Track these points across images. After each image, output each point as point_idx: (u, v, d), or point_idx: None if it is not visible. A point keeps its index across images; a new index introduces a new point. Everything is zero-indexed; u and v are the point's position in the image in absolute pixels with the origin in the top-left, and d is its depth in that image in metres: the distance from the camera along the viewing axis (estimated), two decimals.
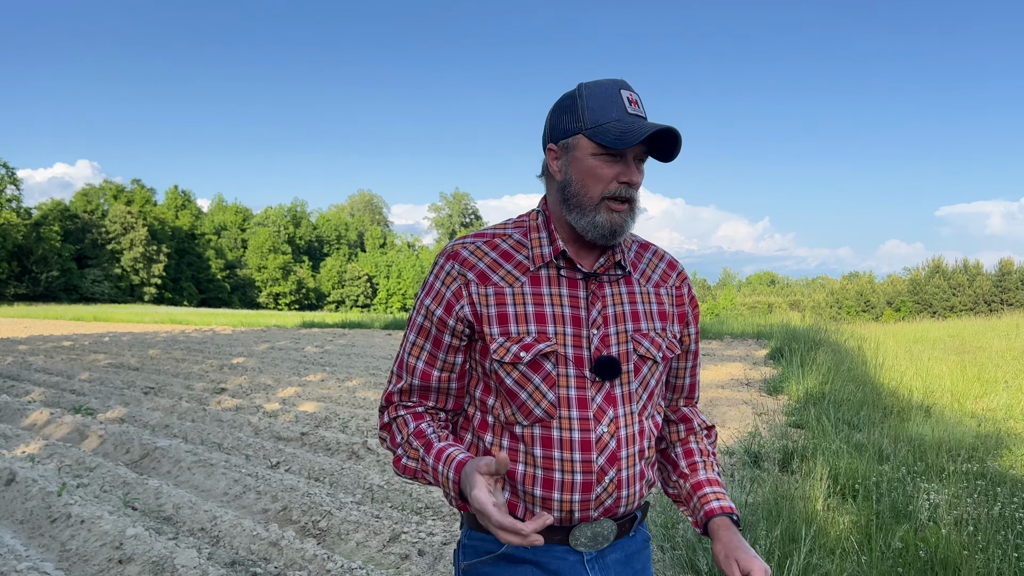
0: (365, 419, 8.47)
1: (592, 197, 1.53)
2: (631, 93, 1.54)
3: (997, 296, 59.64)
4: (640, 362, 1.60)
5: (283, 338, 22.03)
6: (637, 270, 1.66)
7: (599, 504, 1.56)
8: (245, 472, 6.12)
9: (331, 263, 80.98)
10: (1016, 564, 3.88)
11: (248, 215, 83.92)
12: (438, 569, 4.38)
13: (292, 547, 4.49)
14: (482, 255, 1.60)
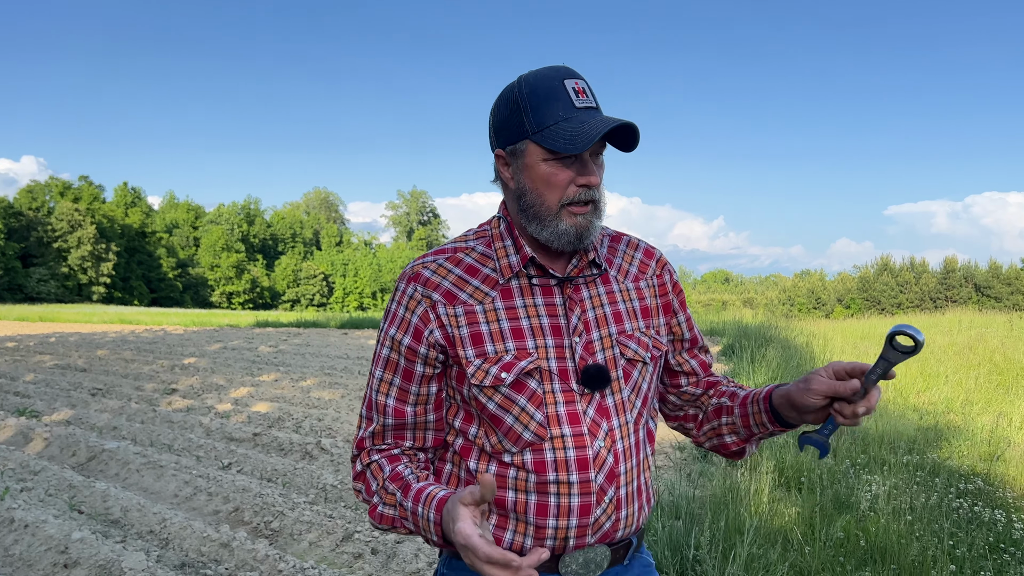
0: (319, 419, 8.42)
1: (550, 206, 1.40)
2: (577, 81, 1.39)
3: (942, 293, 61.27)
4: (629, 366, 1.48)
5: (236, 338, 21.72)
6: (613, 266, 1.55)
7: (597, 528, 1.44)
8: (196, 473, 6.05)
9: (286, 262, 79.99)
10: (951, 550, 4.03)
11: (200, 213, 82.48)
12: (391, 567, 4.39)
13: (243, 548, 4.47)
14: (445, 273, 1.47)
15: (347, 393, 10.57)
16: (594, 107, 1.40)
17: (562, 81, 1.38)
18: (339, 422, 8.32)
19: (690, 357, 1.64)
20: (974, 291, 61.01)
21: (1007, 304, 54.40)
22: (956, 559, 3.88)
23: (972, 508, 4.89)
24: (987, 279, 61.58)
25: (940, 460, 6.25)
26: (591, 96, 1.40)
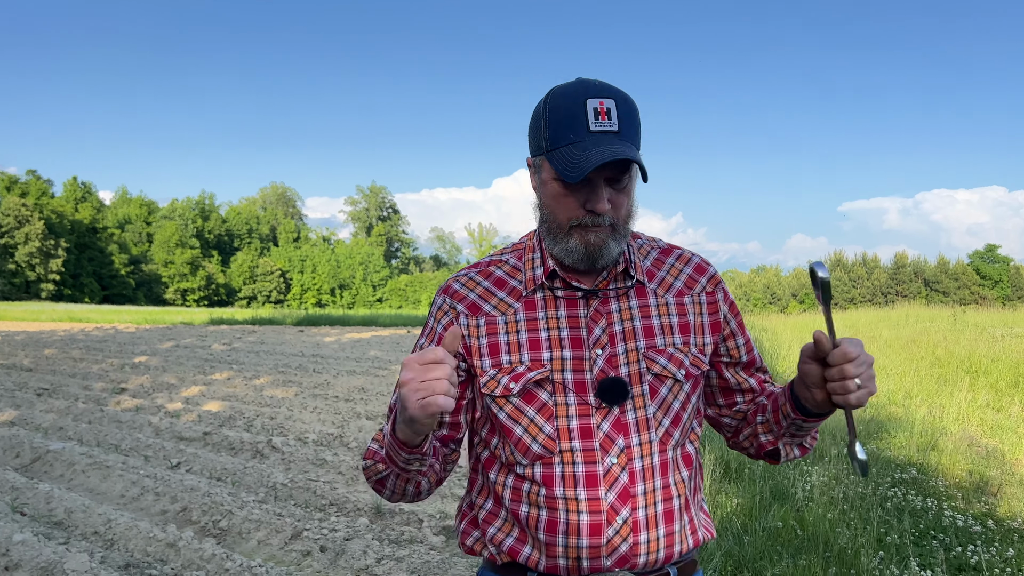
0: (271, 418, 8.38)
1: (561, 224, 1.38)
2: (602, 101, 1.32)
3: (892, 288, 62.75)
4: (657, 382, 1.41)
5: (189, 335, 21.42)
6: (655, 279, 1.49)
7: (612, 550, 1.37)
8: (144, 473, 5.99)
9: (242, 258, 78.85)
10: (881, 537, 4.18)
11: (154, 208, 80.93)
12: (339, 564, 4.41)
13: (190, 547, 4.45)
14: (474, 285, 1.49)
15: (301, 391, 10.52)
16: (612, 131, 1.32)
17: (585, 100, 1.32)
18: (291, 420, 8.29)
19: (748, 376, 1.56)
20: (923, 286, 62.60)
21: (954, 298, 55.95)
22: (885, 546, 4.03)
23: (905, 497, 5.07)
24: (935, 274, 63.24)
25: (879, 451, 6.45)
26: (613, 118, 1.32)
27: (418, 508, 5.28)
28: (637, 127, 1.37)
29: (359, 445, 7.04)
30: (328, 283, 78.12)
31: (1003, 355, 11.90)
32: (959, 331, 16.41)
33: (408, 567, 4.34)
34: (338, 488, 5.72)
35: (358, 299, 77.12)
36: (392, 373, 12.55)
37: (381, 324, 27.97)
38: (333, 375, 12.24)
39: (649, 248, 1.53)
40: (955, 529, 4.53)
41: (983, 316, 21.56)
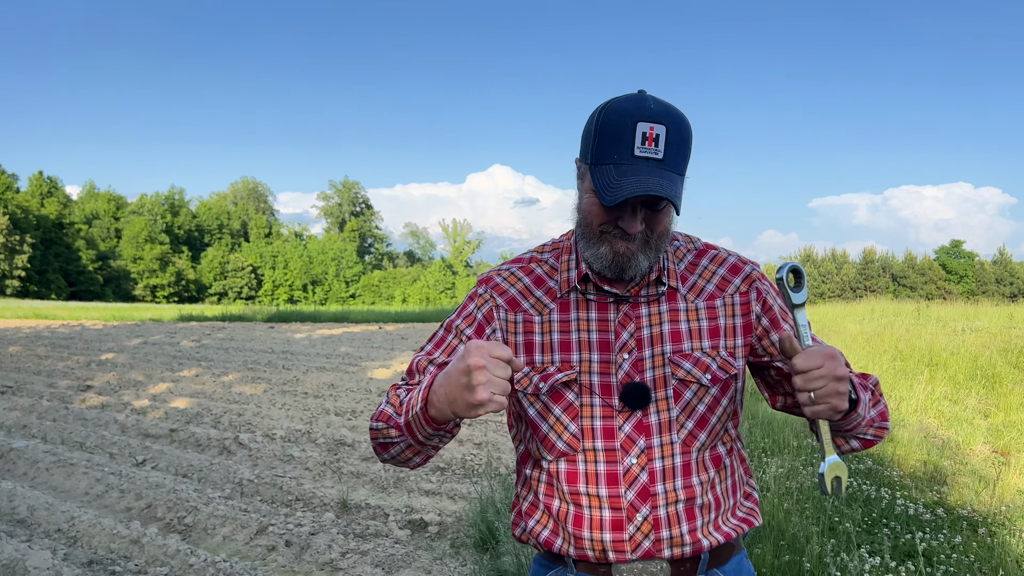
0: (239, 414, 8.36)
1: (594, 230, 1.41)
2: (652, 127, 1.32)
3: (861, 283, 63.73)
4: (681, 386, 1.44)
5: (158, 332, 21.22)
6: (687, 284, 1.50)
7: (635, 546, 1.42)
8: (108, 471, 5.97)
9: (212, 254, 77.94)
10: (835, 525, 4.30)
11: (122, 203, 79.73)
12: (304, 559, 4.45)
13: (154, 544, 4.46)
14: (515, 281, 1.53)
15: (270, 387, 10.50)
16: (657, 158, 1.32)
17: (635, 123, 1.32)
18: (259, 416, 8.29)
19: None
20: (891, 281, 63.64)
21: (921, 293, 56.98)
22: (836, 534, 4.15)
23: (860, 487, 5.20)
24: (903, 269, 64.31)
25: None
26: (660, 145, 1.32)
27: (384, 503, 5.33)
28: (685, 154, 1.37)
29: (327, 441, 7.07)
30: (300, 279, 77.54)
31: (962, 348, 12.17)
32: (922, 325, 16.73)
33: (373, 560, 4.39)
34: (305, 484, 5.75)
35: (331, 295, 76.65)
36: (362, 369, 12.56)
37: (352, 320, 27.88)
38: (303, 371, 12.22)
39: (685, 251, 1.54)
40: (906, 517, 4.67)
41: (946, 310, 21.98)
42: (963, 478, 5.73)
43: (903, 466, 5.97)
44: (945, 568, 3.80)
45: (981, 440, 7.05)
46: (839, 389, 1.24)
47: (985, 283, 61.19)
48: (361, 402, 9.27)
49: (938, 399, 8.78)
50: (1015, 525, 4.64)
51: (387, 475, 5.98)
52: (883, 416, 1.48)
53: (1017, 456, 6.51)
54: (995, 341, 12.90)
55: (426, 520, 4.96)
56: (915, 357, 11.67)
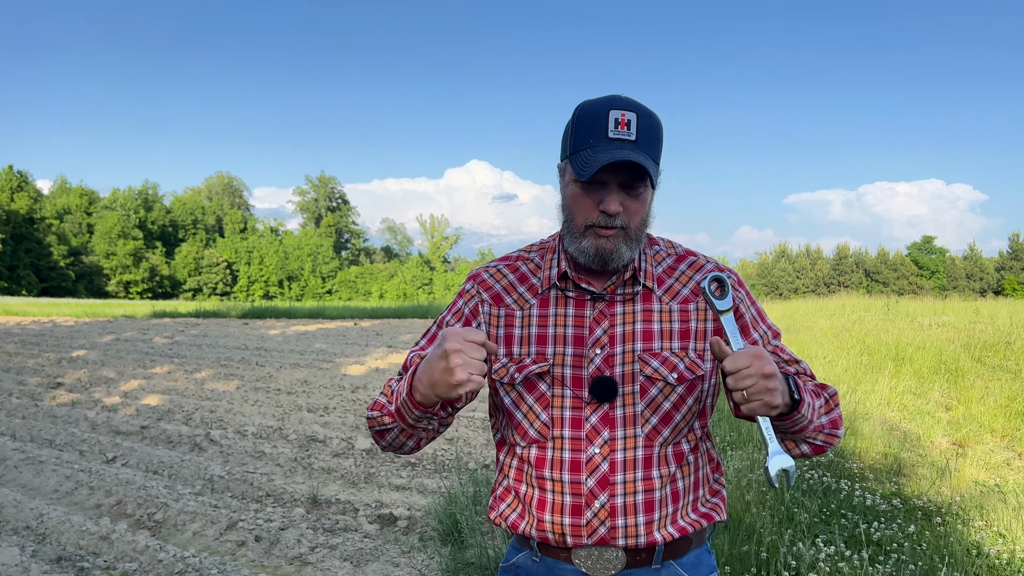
0: (211, 411, 8.36)
1: (578, 224, 1.49)
2: (623, 113, 1.44)
3: (835, 279, 64.38)
4: (648, 383, 1.51)
5: (130, 329, 21.05)
6: (663, 286, 1.57)
7: (591, 531, 1.50)
8: (78, 468, 5.97)
9: (187, 249, 77.18)
10: (795, 516, 4.41)
11: (94, 198, 78.69)
12: (273, 553, 4.49)
13: (123, 540, 4.48)
14: (500, 277, 1.62)
15: (243, 384, 10.48)
16: (629, 140, 1.43)
17: (608, 111, 1.44)
18: (232, 413, 8.29)
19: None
20: (864, 276, 64.34)
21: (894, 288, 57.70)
22: (795, 524, 4.26)
23: (821, 479, 5.33)
24: (876, 265, 65.06)
25: None
26: (632, 129, 1.43)
27: (354, 498, 5.38)
28: (656, 141, 1.48)
29: (299, 437, 7.09)
30: (276, 275, 77.03)
31: (927, 343, 12.41)
32: (891, 320, 17.02)
33: (341, 554, 4.44)
34: (275, 480, 5.78)
35: (307, 291, 76.23)
36: (336, 365, 12.56)
37: (328, 316, 27.78)
38: (276, 368, 12.21)
39: (665, 255, 1.62)
40: (863, 508, 4.80)
41: (915, 305, 22.33)
42: (922, 469, 5.89)
43: (864, 458, 6.12)
44: (897, 556, 3.93)
45: (941, 433, 7.23)
46: (768, 386, 1.31)
47: (956, 278, 62.09)
48: (334, 399, 9.29)
49: (902, 393, 8.97)
50: (968, 515, 4.78)
51: (358, 470, 6.03)
52: (834, 424, 1.53)
53: (974, 448, 6.69)
54: (960, 336, 13.16)
55: (396, 514, 5.02)
56: (882, 352, 11.89)
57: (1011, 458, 6.44)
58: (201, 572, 4.06)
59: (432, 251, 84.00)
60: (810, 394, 1.48)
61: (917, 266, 64.69)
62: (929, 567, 3.77)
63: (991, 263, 62.73)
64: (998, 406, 8.08)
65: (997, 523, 4.59)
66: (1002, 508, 4.83)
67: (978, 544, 4.17)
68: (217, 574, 4.04)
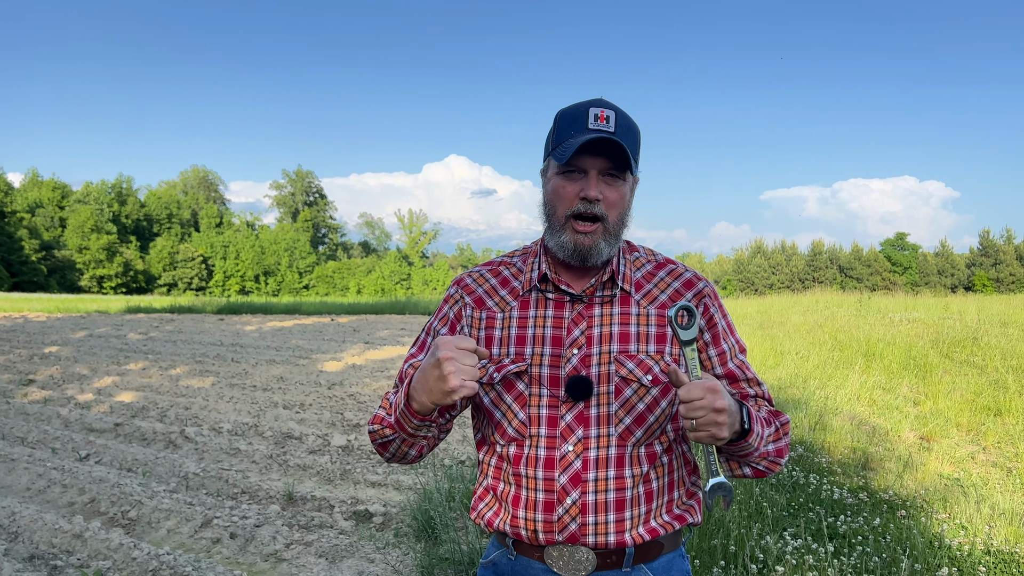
0: (186, 408, 8.32)
1: (559, 217, 1.54)
2: (603, 110, 1.51)
3: (809, 275, 64.97)
4: (623, 384, 1.54)
5: (104, 325, 20.83)
6: (641, 291, 1.61)
7: (562, 527, 1.53)
8: (51, 466, 5.93)
9: (162, 244, 76.29)
10: (765, 510, 4.49)
11: (67, 191, 77.54)
12: (248, 550, 4.51)
13: (97, 538, 4.48)
14: (483, 282, 1.67)
15: (218, 380, 10.44)
16: (609, 131, 1.49)
17: (588, 108, 1.51)
18: (207, 410, 8.26)
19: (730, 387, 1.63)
20: (838, 272, 64.97)
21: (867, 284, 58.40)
22: (763, 518, 4.35)
23: (791, 473, 5.43)
24: (850, 261, 65.70)
25: None
26: (611, 123, 1.50)
27: (330, 495, 5.40)
28: (633, 137, 1.55)
29: (274, 434, 7.09)
30: (252, 270, 76.43)
31: (898, 338, 12.61)
32: (862, 316, 17.24)
33: (317, 551, 4.46)
34: (251, 477, 5.79)
35: (284, 286, 75.71)
36: (312, 362, 12.53)
37: (304, 312, 27.67)
38: (252, 364, 12.16)
39: (644, 261, 1.66)
40: (831, 501, 4.90)
41: (887, 301, 22.65)
42: (889, 464, 6.01)
43: (833, 453, 6.23)
44: (862, 549, 4.02)
45: (909, 427, 7.37)
46: (717, 419, 1.36)
47: (928, 274, 62.90)
48: (310, 395, 9.28)
49: (872, 388, 9.12)
50: (931, 507, 4.90)
51: (333, 467, 6.05)
52: (779, 453, 1.60)
53: (940, 442, 6.83)
54: (929, 331, 13.37)
55: (371, 511, 5.05)
56: (853, 347, 12.06)
57: (975, 452, 6.59)
58: (175, 570, 4.07)
59: (410, 246, 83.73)
60: (761, 423, 1.53)
61: (890, 262, 65.44)
62: (892, 559, 3.87)
63: (962, 259, 63.62)
64: (964, 401, 8.25)
65: (959, 515, 4.71)
66: (964, 501, 4.95)
67: (940, 536, 4.27)
68: (192, 571, 4.05)
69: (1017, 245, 59.94)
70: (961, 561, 3.94)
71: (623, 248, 1.66)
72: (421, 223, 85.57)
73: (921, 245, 68.01)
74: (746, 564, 3.67)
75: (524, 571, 1.60)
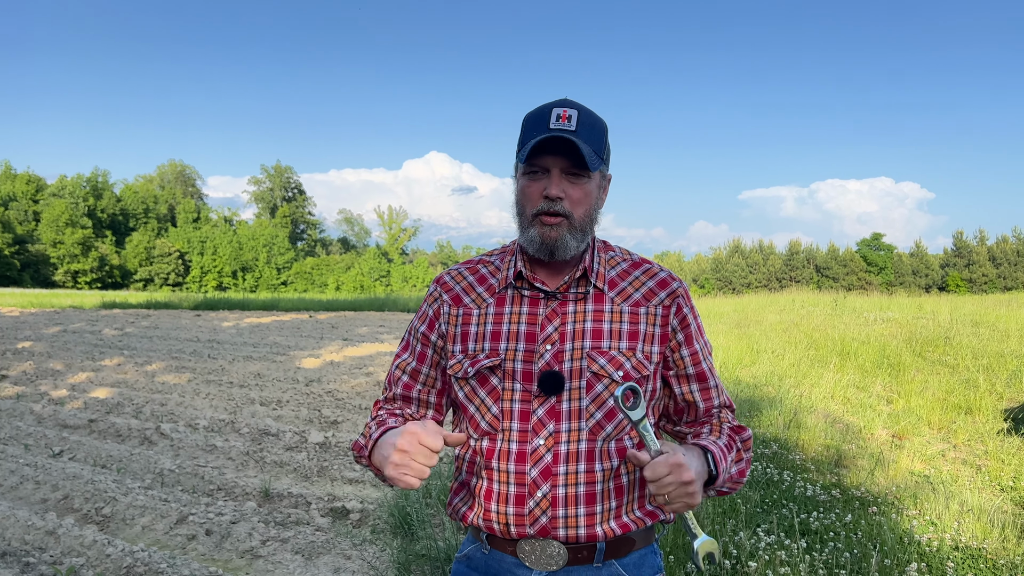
0: (162, 404, 8.26)
1: (527, 215, 1.57)
2: (565, 110, 1.54)
3: (786, 274, 65.47)
4: (594, 379, 1.57)
5: (79, 320, 20.60)
6: (615, 288, 1.64)
7: (533, 520, 1.55)
8: (23, 462, 5.87)
9: (137, 238, 75.40)
10: (738, 507, 4.55)
11: (41, 185, 76.48)
12: (224, 547, 4.49)
13: (70, 535, 4.44)
14: (460, 279, 1.71)
15: (194, 377, 10.37)
16: (570, 130, 1.52)
17: (551, 109, 1.55)
18: (183, 406, 8.20)
19: (694, 389, 1.68)
20: (815, 272, 65.52)
21: (843, 284, 58.98)
22: (737, 514, 4.40)
23: (765, 470, 5.49)
24: (826, 261, 66.28)
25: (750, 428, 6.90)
26: (573, 122, 1.53)
27: (307, 492, 5.39)
28: (597, 135, 1.56)
29: (251, 431, 7.06)
30: (230, 265, 75.75)
31: (872, 337, 12.77)
32: (838, 315, 17.44)
33: (293, 547, 4.46)
34: (227, 473, 5.76)
35: (261, 282, 75.10)
36: (290, 359, 12.48)
37: (282, 309, 27.50)
38: (229, 361, 12.08)
39: (620, 260, 1.69)
40: (804, 498, 4.96)
41: (862, 301, 22.91)
42: (861, 461, 6.09)
43: (807, 450, 6.31)
44: (833, 544, 4.08)
45: (882, 425, 7.47)
46: (688, 491, 1.38)
47: (902, 275, 63.59)
48: (288, 392, 9.25)
49: (846, 386, 9.23)
50: (902, 504, 4.98)
51: (310, 464, 6.03)
52: (741, 473, 1.64)
53: (912, 440, 6.93)
54: (903, 331, 13.55)
55: (348, 508, 5.04)
56: (828, 346, 12.19)
57: (946, 449, 6.69)
58: (150, 566, 4.05)
59: (390, 243, 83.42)
60: (725, 455, 1.55)
61: (866, 262, 66.10)
62: (863, 554, 3.93)
63: (936, 260, 64.43)
64: (936, 399, 8.38)
65: (929, 512, 4.79)
66: (934, 498, 5.03)
67: (910, 532, 4.35)
68: (167, 568, 4.03)
69: (990, 246, 60.80)
70: (930, 556, 4.01)
71: (598, 247, 1.68)
72: (401, 220, 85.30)
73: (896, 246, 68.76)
74: (720, 560, 3.71)
75: (497, 565, 1.62)
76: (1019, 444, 6.61)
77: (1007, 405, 8.05)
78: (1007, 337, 12.43)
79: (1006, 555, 4.08)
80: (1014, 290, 48.81)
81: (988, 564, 3.98)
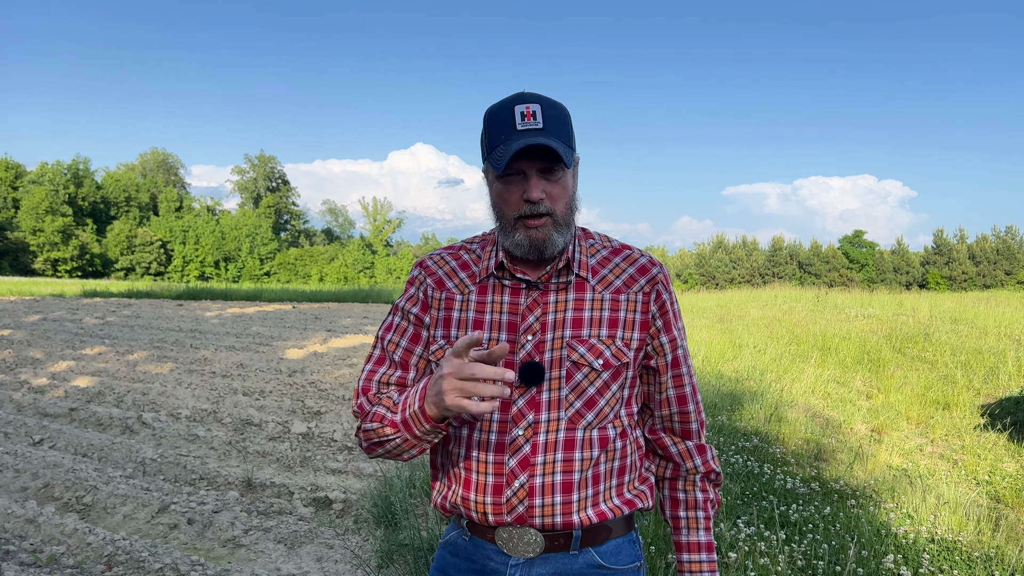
0: (144, 393, 8.22)
1: (508, 219, 1.55)
2: (528, 106, 1.51)
3: (769, 269, 65.85)
4: (574, 368, 1.57)
5: (59, 308, 20.40)
6: (597, 276, 1.63)
7: (511, 509, 1.56)
8: (3, 451, 5.84)
9: (119, 227, 74.67)
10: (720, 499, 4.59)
11: (21, 172, 75.51)
12: (206, 536, 4.48)
13: (51, 523, 4.42)
14: (443, 264, 1.70)
15: (176, 366, 10.31)
16: (537, 128, 1.49)
17: (513, 106, 1.50)
18: (165, 396, 8.16)
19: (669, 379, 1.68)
20: (797, 268, 65.94)
21: (825, 280, 59.43)
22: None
23: (745, 463, 5.54)
24: (809, 257, 66.72)
25: (730, 422, 6.97)
26: (538, 118, 1.49)
27: (289, 482, 5.39)
28: (563, 126, 1.53)
29: (233, 421, 7.04)
30: (212, 255, 75.22)
31: (853, 333, 12.89)
32: (820, 311, 17.58)
33: (275, 536, 4.46)
34: (209, 463, 5.75)
35: (244, 272, 74.66)
36: (273, 349, 12.43)
37: (266, 299, 27.37)
38: (212, 350, 12.02)
39: (600, 247, 1.68)
40: (784, 491, 5.02)
41: (843, 297, 23.08)
42: (841, 455, 6.16)
43: (787, 444, 6.37)
44: (812, 536, 4.14)
45: (861, 420, 7.56)
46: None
47: (884, 272, 64.10)
48: (271, 382, 9.22)
49: (826, 381, 9.33)
50: (880, 497, 5.04)
51: (293, 454, 6.03)
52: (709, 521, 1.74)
53: (890, 434, 7.02)
54: (883, 327, 13.69)
55: (331, 498, 5.05)
56: (809, 341, 12.30)
57: (924, 444, 6.78)
58: (131, 555, 4.04)
59: (374, 234, 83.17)
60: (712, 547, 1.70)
61: (848, 259, 66.59)
62: (841, 546, 3.99)
63: (917, 257, 65.00)
64: (914, 395, 8.48)
65: (906, 505, 4.86)
66: (911, 491, 5.10)
67: (887, 524, 4.41)
68: (148, 556, 4.02)
69: (970, 245, 61.43)
70: (907, 548, 4.07)
71: (578, 235, 1.68)
72: (386, 211, 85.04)
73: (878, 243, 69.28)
74: None
75: (478, 551, 1.64)
76: (995, 439, 6.71)
77: (984, 401, 8.17)
78: (985, 334, 12.60)
79: (981, 548, 4.15)
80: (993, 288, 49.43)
81: (963, 556, 4.04)
